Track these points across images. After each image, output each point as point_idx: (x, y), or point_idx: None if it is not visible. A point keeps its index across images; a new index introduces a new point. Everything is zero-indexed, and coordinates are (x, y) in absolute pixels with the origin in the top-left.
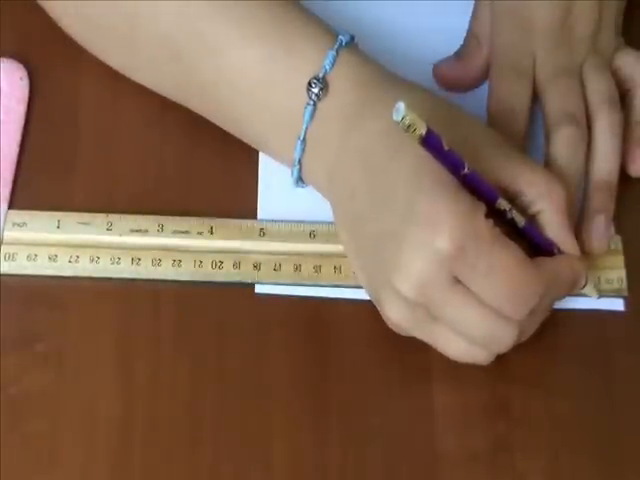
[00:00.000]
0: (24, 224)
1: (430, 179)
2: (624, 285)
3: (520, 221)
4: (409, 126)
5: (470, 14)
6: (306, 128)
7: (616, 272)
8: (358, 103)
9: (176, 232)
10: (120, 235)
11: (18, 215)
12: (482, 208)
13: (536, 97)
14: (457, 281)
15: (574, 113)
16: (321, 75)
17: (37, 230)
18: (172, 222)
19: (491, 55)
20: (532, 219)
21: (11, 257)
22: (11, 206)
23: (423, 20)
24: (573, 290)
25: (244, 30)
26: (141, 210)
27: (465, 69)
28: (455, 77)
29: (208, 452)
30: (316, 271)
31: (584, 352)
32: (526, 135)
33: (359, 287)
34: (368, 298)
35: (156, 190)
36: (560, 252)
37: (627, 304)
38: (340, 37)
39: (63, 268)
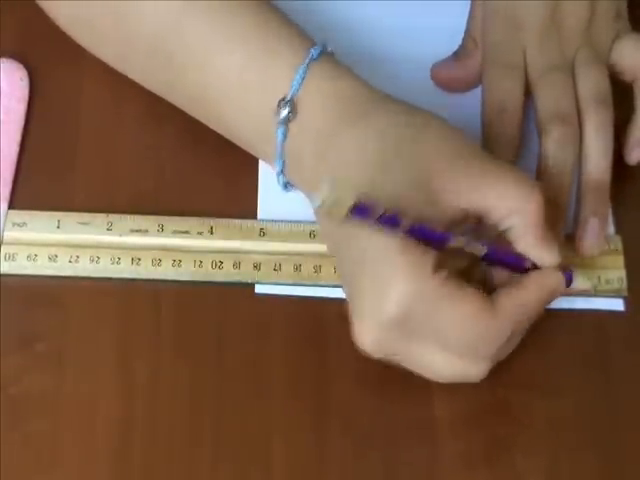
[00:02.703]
0: (24, 224)
1: (375, 241)
2: (624, 285)
3: (480, 251)
4: (331, 212)
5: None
6: (281, 147)
7: (616, 272)
8: (327, 128)
9: (176, 232)
10: (120, 235)
11: (18, 215)
12: (428, 262)
13: (530, 94)
14: (416, 333)
15: (564, 112)
16: (289, 97)
17: (37, 230)
18: (172, 222)
19: (483, 54)
20: (505, 234)
21: (11, 257)
22: (11, 206)
23: (423, 20)
24: (551, 302)
25: (228, 33)
26: (141, 210)
27: (463, 69)
28: (453, 78)
29: (208, 452)
30: (316, 271)
31: (584, 352)
32: (520, 132)
33: None
34: None
35: (156, 190)
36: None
37: (627, 304)
38: (311, 50)
39: (63, 268)
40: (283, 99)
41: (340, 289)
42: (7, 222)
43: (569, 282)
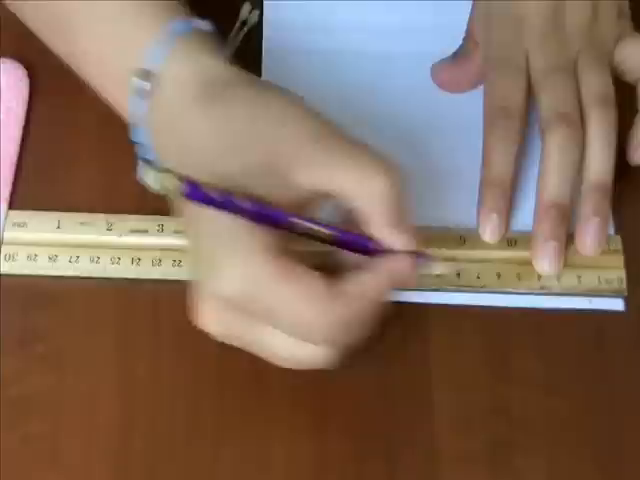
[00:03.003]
0: (24, 224)
1: (210, 225)
2: (624, 285)
3: (323, 232)
4: (161, 187)
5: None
6: (137, 115)
7: (616, 272)
8: (181, 104)
9: (176, 232)
10: (120, 235)
11: (18, 215)
12: (263, 242)
13: (532, 94)
14: (254, 314)
15: (567, 113)
16: (147, 67)
17: (37, 230)
18: (172, 222)
19: (485, 53)
20: (353, 215)
21: (11, 257)
22: (11, 206)
23: (424, 19)
24: (404, 285)
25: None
26: (141, 210)
27: (463, 70)
28: (453, 78)
29: (208, 452)
30: None
31: (584, 352)
32: (523, 133)
33: None
34: None
35: None
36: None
37: (627, 304)
38: (176, 24)
39: (63, 268)
40: (141, 69)
41: None
42: (7, 222)
43: (424, 267)
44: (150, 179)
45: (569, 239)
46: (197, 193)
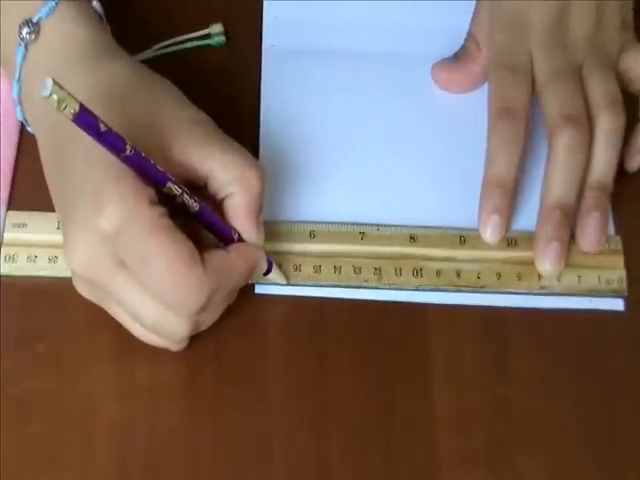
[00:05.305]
0: (24, 225)
1: (100, 161)
2: (624, 285)
3: (193, 206)
4: (59, 103)
5: (470, 14)
6: (20, 69)
7: (616, 272)
8: (62, 60)
9: None
10: None
11: (18, 216)
12: (146, 193)
13: (536, 96)
14: (123, 264)
15: (574, 114)
16: (35, 20)
17: (37, 231)
18: None
19: (489, 55)
20: (222, 202)
21: (11, 258)
22: (11, 207)
23: (424, 20)
24: (251, 279)
25: None
26: None
27: (463, 70)
28: (453, 79)
29: (208, 452)
30: (316, 271)
31: (584, 352)
32: (527, 135)
33: (359, 287)
34: (368, 298)
35: None
36: (242, 239)
37: (627, 304)
38: None
39: (63, 269)
40: (28, 20)
41: (340, 289)
42: (7, 223)
43: (268, 270)
44: (54, 94)
45: (570, 239)
46: (89, 120)
